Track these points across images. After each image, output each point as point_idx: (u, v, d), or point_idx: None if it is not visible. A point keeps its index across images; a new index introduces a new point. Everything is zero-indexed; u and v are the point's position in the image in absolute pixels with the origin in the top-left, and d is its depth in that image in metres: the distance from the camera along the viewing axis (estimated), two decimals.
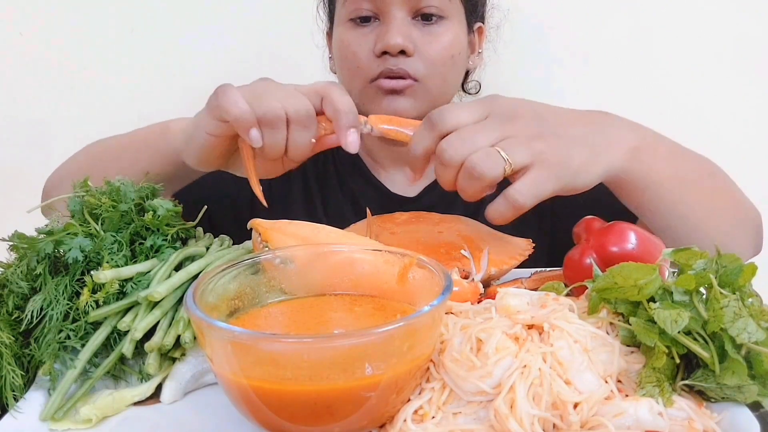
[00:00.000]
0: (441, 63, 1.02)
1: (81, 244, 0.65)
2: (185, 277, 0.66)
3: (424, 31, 1.01)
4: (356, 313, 0.61)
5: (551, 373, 0.52)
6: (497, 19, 1.21)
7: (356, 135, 0.71)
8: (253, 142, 0.70)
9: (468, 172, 0.67)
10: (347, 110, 0.70)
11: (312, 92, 0.71)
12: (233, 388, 0.51)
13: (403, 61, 1.00)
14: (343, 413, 0.50)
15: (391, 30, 0.99)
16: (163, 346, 0.62)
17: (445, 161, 0.68)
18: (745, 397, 0.53)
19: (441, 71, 1.03)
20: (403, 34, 0.99)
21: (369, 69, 1.02)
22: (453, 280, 0.55)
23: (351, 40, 1.04)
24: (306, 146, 0.72)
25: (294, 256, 0.63)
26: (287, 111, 0.70)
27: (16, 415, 0.58)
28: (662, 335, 0.54)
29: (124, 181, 0.73)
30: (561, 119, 0.73)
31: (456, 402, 0.53)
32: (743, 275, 0.57)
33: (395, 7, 1.00)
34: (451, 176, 0.69)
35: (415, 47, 1.00)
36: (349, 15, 1.04)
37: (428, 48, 1.01)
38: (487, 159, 0.67)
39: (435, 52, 1.01)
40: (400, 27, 0.99)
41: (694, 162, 0.84)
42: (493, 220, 0.70)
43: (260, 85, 0.73)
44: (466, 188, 0.69)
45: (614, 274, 0.57)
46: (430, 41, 1.01)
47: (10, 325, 0.63)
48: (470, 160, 0.67)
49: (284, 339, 0.52)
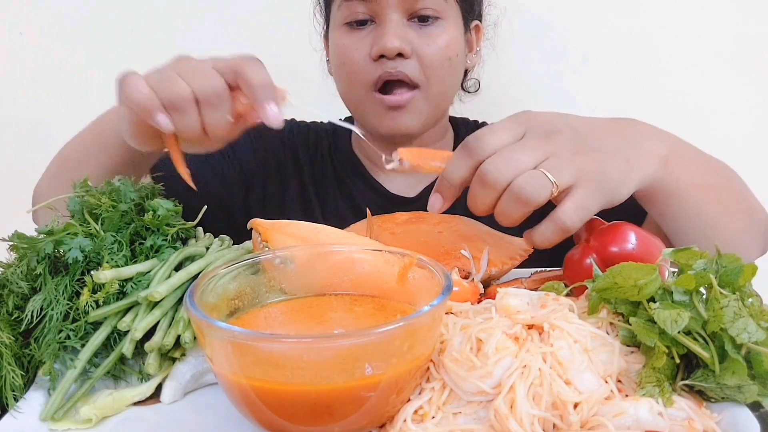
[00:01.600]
0: (439, 64, 1.02)
1: (81, 244, 0.65)
2: (185, 277, 0.66)
3: (421, 32, 1.01)
4: (356, 313, 0.61)
5: (551, 373, 0.52)
6: (494, 17, 1.20)
7: (276, 109, 0.67)
8: (162, 127, 0.67)
9: (514, 196, 0.64)
10: (262, 84, 0.67)
11: (227, 68, 0.69)
12: (233, 388, 0.51)
13: (400, 64, 1.00)
14: (343, 413, 0.50)
15: (387, 33, 0.98)
16: (163, 346, 0.62)
17: (489, 184, 0.65)
18: (745, 397, 0.53)
19: (439, 73, 1.02)
20: (400, 37, 0.98)
21: (367, 73, 1.01)
22: (453, 280, 0.55)
23: (347, 44, 1.03)
24: (222, 125, 0.69)
25: (294, 256, 0.63)
26: (195, 91, 0.67)
27: (16, 415, 0.58)
28: (662, 335, 0.54)
29: (124, 181, 0.73)
30: (594, 131, 0.72)
31: (456, 402, 0.53)
32: (743, 275, 0.57)
33: (391, 10, 0.99)
34: (493, 200, 0.66)
35: (412, 49, 1.00)
36: (344, 19, 1.03)
37: (425, 49, 1.00)
38: (534, 182, 0.64)
39: (432, 54, 1.01)
40: (396, 29, 0.99)
41: (714, 168, 0.85)
42: (538, 245, 0.68)
43: (171, 66, 0.70)
44: (511, 212, 0.66)
45: (614, 274, 0.57)
46: (427, 42, 1.01)
47: (10, 325, 0.63)
48: (516, 183, 0.64)
49: (284, 339, 0.52)
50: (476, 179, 0.66)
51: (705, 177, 0.81)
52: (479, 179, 0.66)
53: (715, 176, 0.84)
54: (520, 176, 0.64)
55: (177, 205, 0.73)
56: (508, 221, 0.67)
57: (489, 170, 0.65)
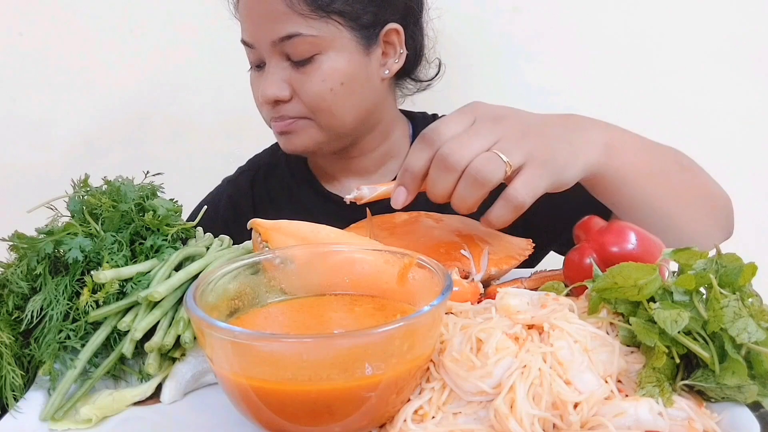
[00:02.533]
0: (322, 98, 1.01)
1: (81, 244, 0.65)
2: (185, 277, 0.66)
3: (300, 72, 1.01)
4: (356, 313, 0.61)
5: (551, 373, 0.52)
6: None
7: None
8: None
9: (472, 178, 0.68)
10: None
11: None
12: (233, 388, 0.51)
13: (283, 108, 1.03)
14: (343, 413, 0.50)
15: (265, 81, 1.02)
16: (163, 346, 0.62)
17: (448, 167, 0.68)
18: (745, 397, 0.53)
19: (326, 105, 1.02)
20: (276, 84, 1.01)
21: (265, 114, 1.07)
22: (453, 280, 0.55)
23: (252, 84, 1.08)
24: None
25: (294, 256, 0.63)
26: None
27: (16, 415, 0.58)
28: (662, 335, 0.54)
29: (124, 181, 0.73)
30: (539, 120, 0.76)
31: (456, 402, 0.53)
32: (743, 275, 0.57)
33: (268, 55, 1.01)
34: (451, 183, 0.69)
35: (291, 91, 1.02)
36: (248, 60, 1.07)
37: (303, 89, 1.01)
38: (488, 163, 0.68)
39: (312, 92, 1.01)
40: (273, 76, 1.01)
41: (664, 155, 0.86)
42: (495, 225, 0.71)
43: None
44: (468, 196, 0.69)
45: (614, 274, 0.57)
46: (305, 81, 1.01)
47: (10, 325, 0.63)
48: (473, 165, 0.68)
49: (284, 339, 0.52)
50: (435, 165, 0.70)
51: (653, 164, 0.83)
52: (438, 164, 0.70)
53: (664, 163, 0.85)
54: (475, 159, 0.68)
55: (177, 205, 0.73)
56: (465, 206, 0.70)
57: (446, 154, 0.69)
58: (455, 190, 0.70)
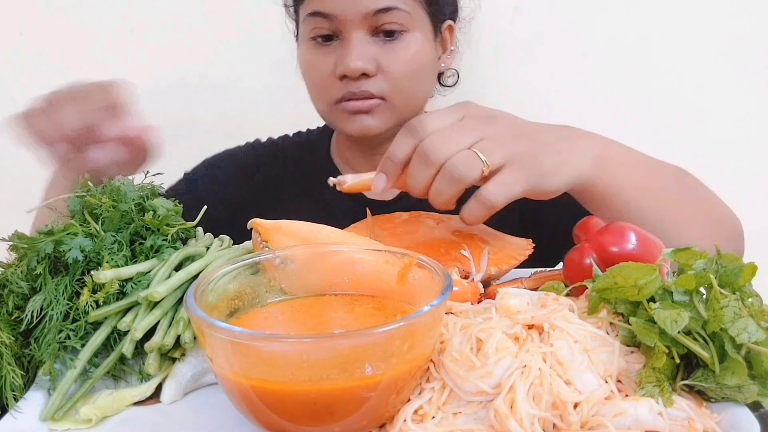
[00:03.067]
0: (406, 79, 1.01)
1: (81, 244, 0.65)
2: (185, 277, 0.66)
3: (386, 48, 1.00)
4: (356, 313, 0.61)
5: (551, 373, 0.52)
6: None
7: None
8: None
9: (448, 175, 0.68)
10: None
11: None
12: (233, 388, 0.51)
13: (365, 83, 0.99)
14: (343, 413, 0.50)
15: (350, 53, 0.98)
16: (163, 346, 0.62)
17: (427, 160, 0.69)
18: (745, 397, 0.53)
19: (406, 86, 1.02)
20: (363, 56, 0.98)
21: (331, 91, 1.02)
22: (453, 280, 0.55)
23: (313, 61, 1.03)
24: None
25: (294, 256, 0.63)
26: None
27: (16, 415, 0.58)
28: (662, 335, 0.54)
29: (124, 181, 0.73)
30: (531, 126, 0.75)
31: (456, 402, 0.53)
32: (743, 275, 0.57)
33: (354, 27, 0.98)
34: (429, 177, 0.69)
35: (377, 66, 0.99)
36: (309, 33, 1.03)
37: (391, 66, 1.00)
38: (465, 161, 0.68)
39: (398, 70, 1.00)
40: (360, 48, 0.98)
41: (663, 172, 0.84)
42: (468, 222, 0.71)
43: None
44: (442, 191, 0.69)
45: (614, 274, 0.57)
46: (393, 59, 1.00)
47: (10, 325, 0.63)
48: (450, 162, 0.68)
49: (284, 339, 0.52)
50: (416, 156, 0.70)
51: (649, 180, 0.81)
52: (418, 156, 0.70)
53: (662, 180, 0.83)
54: (454, 156, 0.68)
55: (177, 205, 0.73)
56: (441, 201, 0.70)
57: (427, 147, 0.69)
58: (432, 185, 0.70)
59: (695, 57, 1.48)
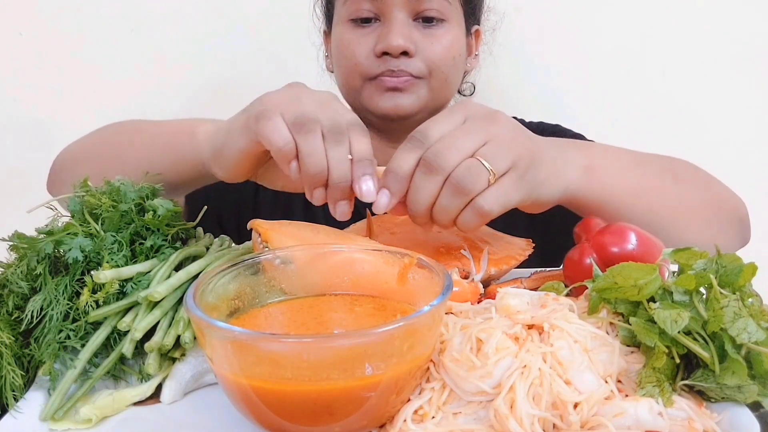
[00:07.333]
0: (443, 63, 1.04)
1: (81, 244, 0.65)
2: (185, 277, 0.66)
3: (425, 32, 1.02)
4: (356, 313, 0.61)
5: (551, 373, 0.52)
6: (493, 22, 1.21)
7: (372, 186, 0.66)
8: (292, 175, 0.66)
9: (453, 187, 0.65)
10: (363, 157, 0.66)
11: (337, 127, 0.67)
12: (233, 388, 0.51)
13: (404, 62, 1.01)
14: (343, 413, 0.50)
15: (392, 31, 1.00)
16: (163, 346, 0.62)
17: (433, 169, 0.65)
18: (745, 397, 0.53)
19: (443, 71, 1.04)
20: (405, 36, 1.00)
21: (368, 68, 1.03)
22: (453, 280, 0.55)
23: (351, 39, 1.04)
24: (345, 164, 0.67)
25: (294, 256, 0.63)
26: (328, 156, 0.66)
27: (16, 415, 0.58)
28: (662, 335, 0.54)
29: (124, 181, 0.73)
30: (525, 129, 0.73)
31: (456, 402, 0.53)
32: (743, 275, 0.57)
33: (396, 9, 1.01)
34: (435, 189, 0.66)
35: (416, 48, 1.01)
36: (349, 15, 1.04)
37: (430, 49, 1.02)
38: (471, 172, 0.65)
39: (436, 54, 1.02)
40: (402, 28, 1.00)
41: (654, 169, 0.84)
42: (463, 230, 0.69)
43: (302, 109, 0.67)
44: (448, 206, 0.66)
45: (614, 274, 0.57)
46: (432, 42, 1.02)
47: (10, 325, 0.63)
48: (454, 174, 0.65)
49: (284, 339, 0.52)
50: (420, 168, 0.66)
51: (641, 181, 0.81)
52: (423, 167, 0.66)
53: (655, 178, 0.83)
54: (458, 166, 0.65)
55: (177, 205, 0.73)
56: (447, 218, 0.67)
57: (432, 157, 0.65)
58: (437, 201, 0.66)
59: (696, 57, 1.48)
